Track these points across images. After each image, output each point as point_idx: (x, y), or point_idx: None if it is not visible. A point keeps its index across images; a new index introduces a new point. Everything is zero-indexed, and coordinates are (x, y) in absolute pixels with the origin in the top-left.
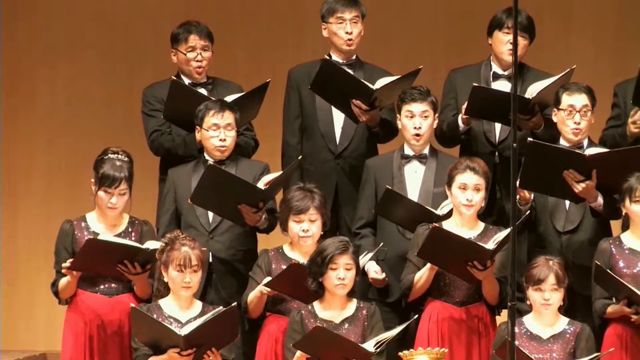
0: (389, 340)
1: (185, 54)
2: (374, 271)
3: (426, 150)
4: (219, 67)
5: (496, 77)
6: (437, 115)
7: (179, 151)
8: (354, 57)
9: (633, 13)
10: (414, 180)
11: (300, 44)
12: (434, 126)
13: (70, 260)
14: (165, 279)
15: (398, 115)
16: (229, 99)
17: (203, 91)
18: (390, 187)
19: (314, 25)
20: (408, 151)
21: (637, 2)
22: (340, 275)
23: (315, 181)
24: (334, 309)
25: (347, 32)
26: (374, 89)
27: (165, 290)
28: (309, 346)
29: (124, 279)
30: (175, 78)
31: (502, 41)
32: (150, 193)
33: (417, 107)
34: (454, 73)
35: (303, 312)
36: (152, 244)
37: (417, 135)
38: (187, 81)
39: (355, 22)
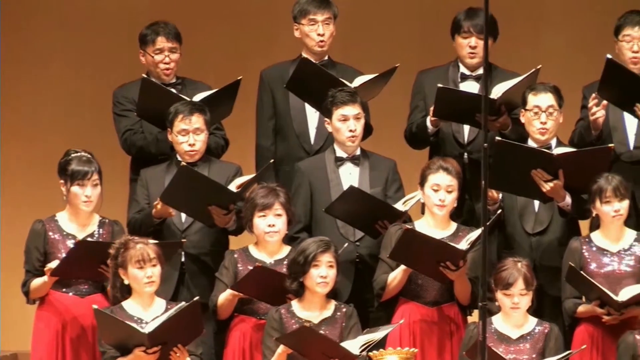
0: (374, 343)
1: (153, 56)
2: None
3: (358, 152)
4: (190, 68)
5: (464, 77)
6: (365, 115)
7: (151, 149)
8: (326, 57)
9: (605, 12)
10: (350, 181)
11: (272, 44)
12: (364, 125)
13: (56, 263)
14: (126, 281)
15: (328, 120)
16: (200, 96)
17: (173, 91)
18: (354, 186)
19: (286, 26)
20: (340, 153)
21: (609, 3)
22: (322, 274)
23: (291, 181)
24: (313, 309)
25: (319, 34)
26: (353, 87)
27: (122, 296)
28: (292, 342)
29: (103, 278)
30: (145, 76)
31: (462, 45)
32: (120, 194)
33: (350, 110)
34: (422, 74)
35: (282, 311)
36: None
37: (353, 137)
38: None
39: (327, 24)
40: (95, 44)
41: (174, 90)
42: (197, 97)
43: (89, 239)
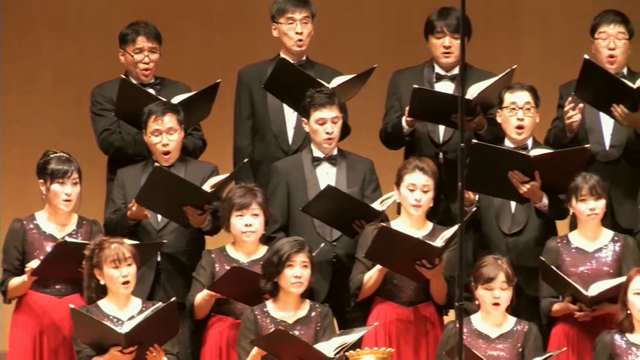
0: (348, 345)
1: (133, 56)
2: None
3: (335, 152)
4: (168, 68)
5: (439, 77)
6: (343, 115)
7: (128, 150)
8: (304, 57)
9: (580, 14)
10: (327, 181)
11: (250, 44)
12: (341, 126)
13: (36, 263)
14: (102, 282)
15: (305, 120)
16: (178, 99)
17: (151, 91)
18: (331, 185)
19: (263, 26)
20: (317, 153)
21: (585, 3)
22: (297, 274)
23: (269, 182)
24: (288, 310)
25: (297, 33)
26: (330, 88)
27: (97, 297)
28: (266, 344)
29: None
30: (123, 77)
31: (436, 45)
32: (99, 194)
33: (328, 113)
34: (397, 74)
35: (256, 311)
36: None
37: (330, 139)
38: (134, 82)
39: (305, 23)
40: (73, 43)
41: (152, 91)
42: (176, 99)
43: (67, 238)
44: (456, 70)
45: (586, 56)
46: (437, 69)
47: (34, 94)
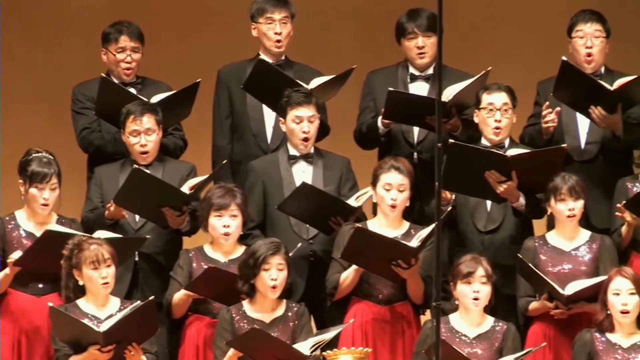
0: (324, 343)
1: (115, 55)
2: None
3: (312, 150)
4: (146, 67)
5: (413, 78)
6: (321, 115)
7: (108, 148)
8: (283, 57)
9: (557, 13)
10: (303, 180)
11: (229, 44)
12: (318, 126)
13: (18, 253)
14: (81, 282)
15: (282, 120)
16: (157, 98)
17: (133, 91)
18: (306, 182)
19: (242, 25)
20: (294, 152)
21: (561, 2)
22: (273, 276)
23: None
24: (265, 310)
25: (276, 33)
26: (309, 88)
27: (75, 296)
28: (242, 345)
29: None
30: (104, 75)
31: (410, 47)
32: (80, 192)
33: (305, 112)
34: (371, 75)
35: (233, 311)
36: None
37: (306, 139)
38: (116, 81)
39: (284, 23)
40: (54, 42)
41: (133, 90)
42: (155, 99)
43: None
44: (431, 70)
45: (564, 58)
46: (412, 70)
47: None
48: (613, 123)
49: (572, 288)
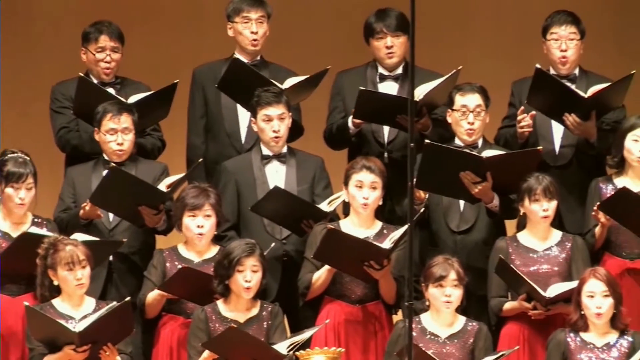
0: (301, 342)
1: (95, 54)
2: None
3: (284, 150)
4: (122, 66)
5: (383, 78)
6: (291, 114)
7: (86, 148)
8: (258, 57)
9: (530, 13)
10: (276, 180)
11: (204, 43)
12: (289, 125)
13: None
14: (55, 282)
15: (254, 120)
16: (135, 98)
17: (111, 91)
18: (277, 185)
19: (218, 25)
20: (266, 152)
21: (536, 3)
22: (247, 278)
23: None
24: (239, 310)
25: (252, 32)
26: (283, 88)
27: (50, 295)
28: (218, 346)
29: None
30: (82, 75)
31: (379, 47)
32: (54, 192)
33: (274, 111)
34: (340, 75)
35: (207, 310)
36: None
37: (277, 137)
38: (95, 80)
39: (260, 22)
40: (30, 41)
41: (112, 90)
42: (133, 99)
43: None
44: (400, 70)
45: (538, 65)
46: (381, 69)
47: None
48: (587, 130)
49: (553, 291)
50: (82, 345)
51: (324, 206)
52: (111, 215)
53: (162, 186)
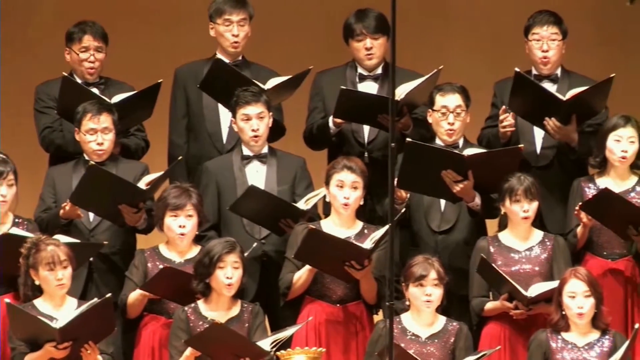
0: (284, 340)
1: (78, 54)
2: None
3: (265, 150)
4: (105, 67)
5: (362, 78)
6: (271, 113)
7: (69, 148)
8: (240, 57)
9: (512, 12)
10: (257, 180)
11: (186, 43)
12: (270, 124)
13: None
14: (37, 282)
15: (233, 119)
16: (118, 98)
17: (95, 91)
18: (253, 185)
19: (201, 24)
20: (247, 152)
21: (517, 4)
22: (228, 274)
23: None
24: (220, 309)
25: (233, 35)
26: (265, 88)
27: (33, 294)
28: (201, 343)
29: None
30: (66, 74)
31: (358, 48)
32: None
33: (253, 110)
34: (320, 75)
35: (188, 310)
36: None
37: (256, 137)
38: (79, 80)
39: (242, 25)
40: (11, 41)
41: (96, 90)
42: (116, 99)
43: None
44: (379, 70)
45: (517, 69)
46: (360, 70)
47: None
48: (567, 135)
49: (535, 290)
50: (63, 342)
51: (301, 205)
52: (91, 215)
53: (142, 184)
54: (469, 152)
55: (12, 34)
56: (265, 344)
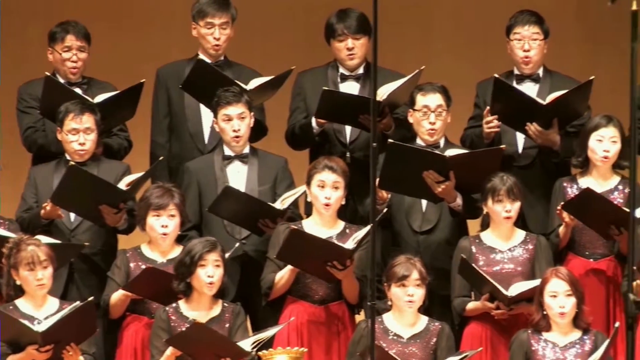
0: (265, 340)
1: (61, 54)
2: None
3: (246, 150)
4: (87, 67)
5: (344, 78)
6: (252, 113)
7: (52, 148)
8: (222, 57)
9: (494, 13)
10: (238, 180)
11: (168, 43)
12: (252, 125)
13: None
14: (18, 282)
15: (215, 120)
16: (100, 98)
17: (78, 91)
18: (229, 185)
19: (183, 24)
20: (228, 152)
21: (499, 3)
22: (209, 273)
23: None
24: (201, 309)
25: (215, 38)
26: (247, 89)
27: (16, 294)
28: (183, 342)
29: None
30: (48, 74)
31: (340, 48)
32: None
33: (234, 110)
34: (301, 75)
35: (169, 310)
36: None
37: (237, 137)
38: (62, 80)
39: (224, 28)
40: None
41: (79, 90)
42: (99, 99)
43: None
44: (361, 70)
45: (496, 75)
46: (342, 70)
47: None
48: (549, 139)
49: (515, 289)
50: (45, 345)
51: (278, 204)
52: (72, 215)
53: (122, 185)
54: (450, 152)
55: None
56: (246, 344)
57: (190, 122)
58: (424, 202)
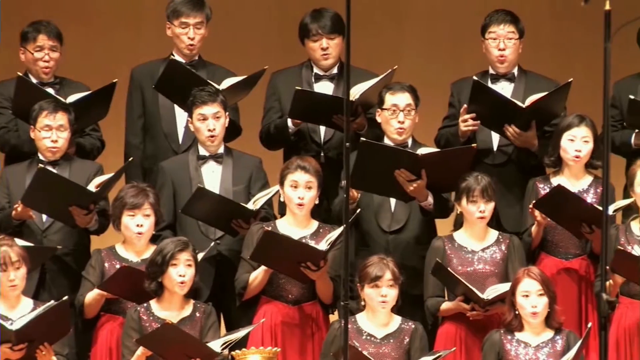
0: (235, 341)
1: (33, 54)
2: None
3: (221, 150)
4: (60, 67)
5: (318, 78)
6: (227, 113)
7: (24, 148)
8: (196, 57)
9: (468, 12)
10: (212, 180)
11: (142, 43)
12: (227, 125)
13: None
14: None
15: (190, 119)
16: (73, 98)
17: (51, 91)
18: (201, 186)
19: (157, 24)
20: (203, 152)
21: (472, 3)
22: (181, 272)
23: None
24: (172, 309)
25: (189, 38)
26: (220, 89)
27: None
28: (153, 342)
29: None
30: (20, 74)
31: (314, 48)
32: None
33: (209, 110)
34: (275, 75)
35: (141, 310)
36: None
37: (212, 137)
38: (34, 80)
39: (198, 28)
40: None
41: (51, 90)
42: (71, 99)
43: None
44: (335, 70)
45: (475, 77)
46: (316, 70)
47: None
48: (527, 141)
49: (492, 292)
50: (18, 344)
51: (250, 205)
52: (44, 216)
53: (92, 186)
54: (421, 151)
55: None
56: (216, 345)
57: (165, 122)
58: (392, 202)
